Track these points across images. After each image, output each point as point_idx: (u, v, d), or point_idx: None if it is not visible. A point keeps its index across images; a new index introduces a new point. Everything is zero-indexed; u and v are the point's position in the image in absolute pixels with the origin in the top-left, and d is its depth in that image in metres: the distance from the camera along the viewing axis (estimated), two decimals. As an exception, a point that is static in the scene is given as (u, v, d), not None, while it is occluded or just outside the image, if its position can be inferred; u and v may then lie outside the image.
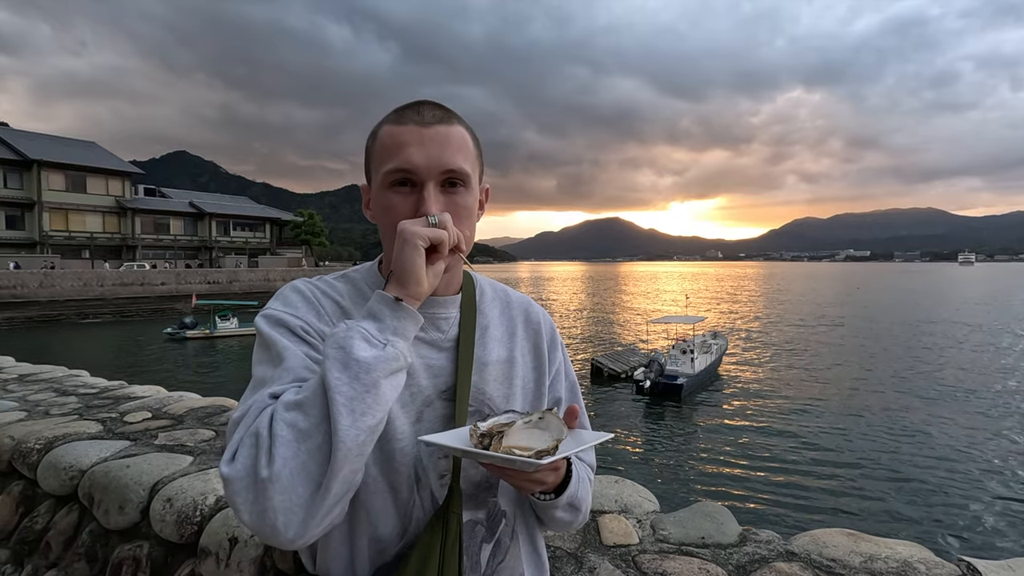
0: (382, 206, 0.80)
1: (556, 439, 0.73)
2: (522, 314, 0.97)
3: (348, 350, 0.64)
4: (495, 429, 0.75)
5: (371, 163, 0.83)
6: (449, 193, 0.79)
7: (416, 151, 0.76)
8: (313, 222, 59.05)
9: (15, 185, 40.48)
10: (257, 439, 0.64)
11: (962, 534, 9.36)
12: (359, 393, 0.63)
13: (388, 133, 0.79)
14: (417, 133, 0.77)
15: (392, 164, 0.77)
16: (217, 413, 2.78)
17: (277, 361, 0.73)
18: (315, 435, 0.63)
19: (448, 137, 0.79)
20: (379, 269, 0.90)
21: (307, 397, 0.64)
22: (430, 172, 0.77)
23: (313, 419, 0.63)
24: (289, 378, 0.71)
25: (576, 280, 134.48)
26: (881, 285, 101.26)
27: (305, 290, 0.83)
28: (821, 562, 1.53)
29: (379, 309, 0.69)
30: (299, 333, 0.76)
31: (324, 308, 0.81)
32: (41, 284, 32.79)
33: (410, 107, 0.80)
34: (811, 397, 18.36)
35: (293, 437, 0.62)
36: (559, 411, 0.97)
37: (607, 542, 1.66)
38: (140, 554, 1.80)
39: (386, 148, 0.79)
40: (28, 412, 2.77)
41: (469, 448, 0.71)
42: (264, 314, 0.79)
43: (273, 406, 0.66)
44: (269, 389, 0.70)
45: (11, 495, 2.30)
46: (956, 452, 13.14)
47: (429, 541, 0.76)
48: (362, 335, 0.66)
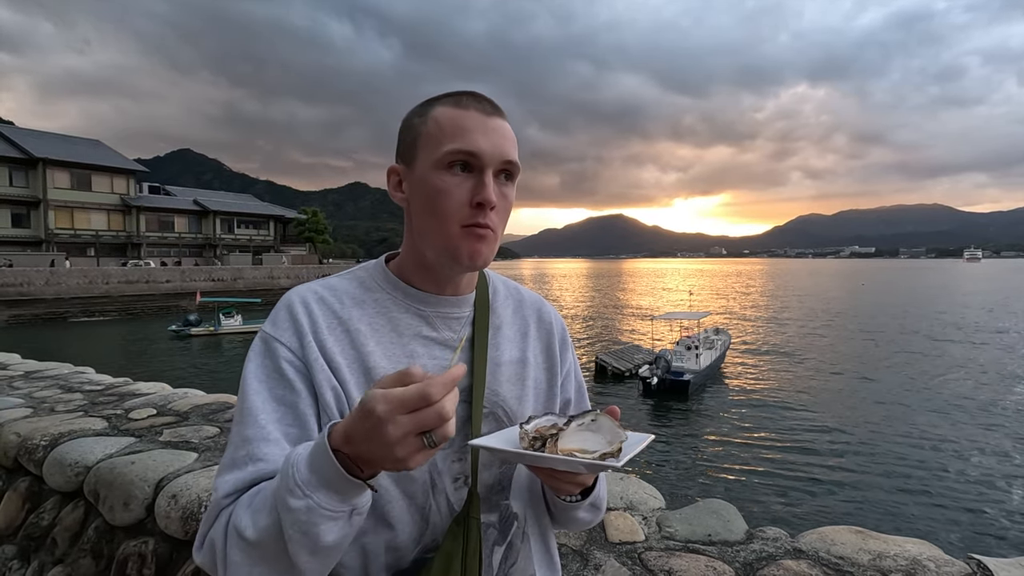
0: (433, 186, 0.76)
1: (617, 441, 0.71)
2: (535, 314, 0.96)
3: (313, 537, 0.59)
4: (544, 432, 0.73)
5: (420, 142, 0.78)
6: (501, 185, 0.78)
7: (481, 137, 0.75)
8: (317, 219, 59.18)
9: (20, 183, 40.67)
10: (214, 550, 0.67)
11: (972, 532, 9.29)
12: (329, 565, 0.65)
13: (447, 115, 0.76)
14: (481, 120, 0.76)
15: (455, 145, 0.74)
16: (221, 410, 2.78)
17: (239, 419, 0.73)
18: (265, 564, 0.63)
19: (507, 130, 0.79)
20: (387, 265, 0.87)
21: (258, 539, 0.62)
22: (492, 159, 0.76)
23: (262, 554, 0.63)
24: (243, 452, 0.70)
25: (579, 277, 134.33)
26: (886, 282, 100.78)
27: (297, 305, 0.79)
28: (829, 560, 1.52)
29: (340, 483, 0.59)
30: (281, 366, 0.74)
31: (316, 323, 0.77)
32: (47, 281, 32.98)
33: (466, 95, 0.79)
34: (817, 394, 18.30)
35: (245, 563, 0.64)
36: (571, 410, 0.96)
37: (613, 539, 1.66)
38: (145, 550, 1.80)
39: (445, 130, 0.76)
40: (34, 409, 2.77)
41: (541, 453, 0.70)
42: (260, 335, 0.79)
43: (228, 517, 0.67)
44: (223, 484, 0.69)
45: (17, 491, 2.31)
46: (966, 449, 13.05)
47: (450, 548, 0.75)
48: (324, 516, 0.59)
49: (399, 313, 0.82)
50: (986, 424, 14.93)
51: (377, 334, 0.79)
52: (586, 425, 0.75)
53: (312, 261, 53.26)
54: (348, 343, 0.77)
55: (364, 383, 0.76)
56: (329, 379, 0.74)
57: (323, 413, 0.74)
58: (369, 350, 0.77)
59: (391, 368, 0.77)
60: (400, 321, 0.81)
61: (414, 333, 0.81)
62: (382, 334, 0.80)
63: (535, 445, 0.71)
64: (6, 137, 41.63)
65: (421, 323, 0.82)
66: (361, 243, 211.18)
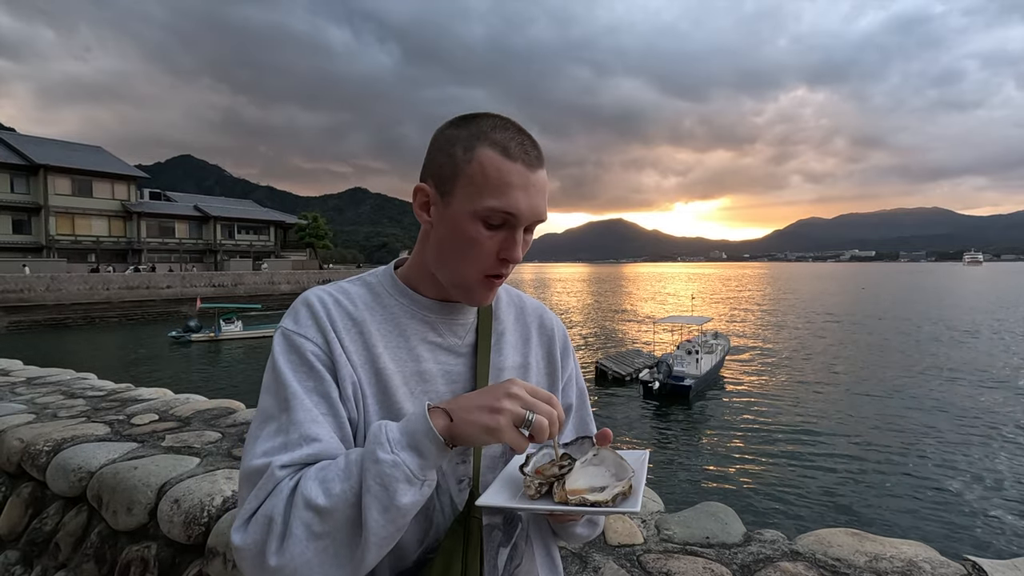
0: (466, 234, 0.77)
1: (625, 476, 0.72)
2: (536, 320, 0.98)
3: (391, 492, 0.63)
4: (545, 472, 0.74)
5: (460, 180, 0.76)
6: (526, 234, 0.80)
7: (523, 196, 0.76)
8: (317, 225, 59.28)
9: (22, 190, 40.73)
10: (270, 524, 0.64)
11: (968, 533, 9.31)
12: (392, 533, 0.65)
13: (495, 165, 0.75)
14: (524, 176, 0.76)
15: (497, 203, 0.75)
16: (223, 415, 2.80)
17: (284, 406, 0.73)
18: (328, 538, 0.64)
19: (545, 183, 0.79)
20: (395, 272, 0.89)
21: (332, 506, 0.64)
22: (527, 220, 0.77)
23: (330, 526, 0.64)
24: (296, 435, 0.70)
25: (579, 282, 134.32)
26: (886, 285, 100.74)
27: (316, 304, 0.81)
28: (826, 561, 1.53)
29: (426, 446, 0.66)
30: (309, 359, 0.76)
31: (335, 321, 0.80)
32: (48, 288, 32.99)
33: (514, 139, 0.77)
34: (815, 398, 18.29)
35: (306, 537, 0.63)
36: (570, 419, 0.97)
37: (612, 542, 1.67)
38: (148, 555, 1.81)
39: (490, 181, 0.75)
40: (37, 415, 2.79)
41: (556, 507, 0.70)
42: (281, 332, 0.79)
43: (292, 488, 0.66)
44: (278, 459, 0.68)
45: (21, 497, 2.32)
46: (962, 452, 13.06)
47: (451, 547, 0.77)
48: (405, 475, 0.64)
49: (406, 319, 0.84)
50: (981, 427, 14.93)
51: (386, 338, 0.82)
52: (589, 461, 0.76)
53: (312, 266, 53.30)
54: (362, 343, 0.80)
55: (375, 382, 0.79)
56: (350, 374, 0.77)
57: (344, 404, 0.76)
58: (379, 352, 0.80)
59: (398, 370, 0.80)
60: (407, 326, 0.84)
61: (420, 338, 0.84)
62: (390, 338, 0.82)
63: (542, 491, 0.72)
64: (8, 144, 41.73)
65: (427, 329, 0.85)
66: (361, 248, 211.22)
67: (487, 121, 0.78)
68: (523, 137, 0.78)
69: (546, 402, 0.68)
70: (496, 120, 0.78)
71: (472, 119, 0.79)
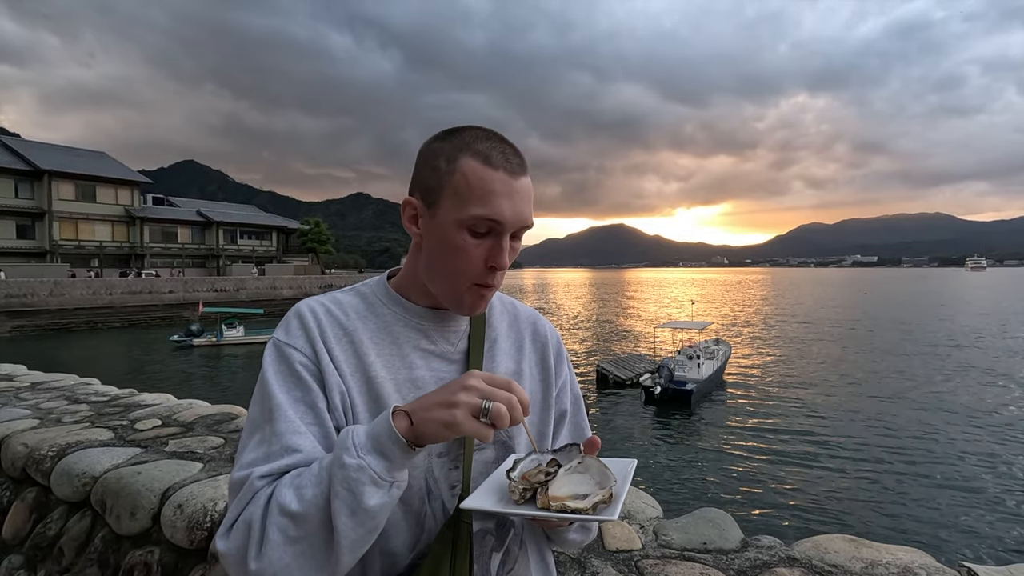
0: (452, 243, 0.78)
1: (608, 484, 0.74)
2: (530, 327, 0.99)
3: (358, 496, 0.65)
4: (531, 477, 0.76)
5: (445, 192, 0.78)
6: (513, 240, 0.81)
7: (506, 203, 0.77)
8: (319, 230, 59.37)
9: (26, 195, 40.95)
10: (249, 530, 0.67)
11: (964, 540, 9.27)
12: (363, 535, 0.67)
13: (477, 173, 0.76)
14: (507, 184, 0.77)
15: (481, 211, 0.76)
16: (226, 420, 2.82)
17: (268, 417, 0.75)
18: (304, 542, 0.66)
19: (529, 191, 0.80)
20: (388, 282, 0.91)
21: (304, 511, 0.66)
22: (512, 226, 0.79)
23: (304, 531, 0.66)
24: (277, 446, 0.72)
25: (581, 287, 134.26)
26: (888, 290, 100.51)
27: (307, 315, 0.83)
28: (823, 568, 1.54)
29: (390, 448, 0.66)
30: (297, 370, 0.78)
31: (324, 331, 0.81)
32: (51, 293, 33.11)
33: (495, 148, 0.78)
34: (814, 404, 18.22)
35: (283, 542, 0.66)
36: (565, 424, 0.99)
37: (610, 547, 1.68)
38: (151, 559, 1.83)
39: (473, 190, 0.76)
40: (41, 420, 2.81)
41: (537, 512, 0.72)
42: (272, 342, 0.82)
43: (269, 496, 0.69)
44: (258, 469, 0.71)
45: (25, 502, 2.34)
46: (959, 459, 13.00)
47: (440, 551, 0.78)
48: (371, 478, 0.65)
49: (399, 327, 0.86)
50: (980, 434, 14.87)
51: (378, 346, 0.83)
52: (573, 468, 0.78)
53: (314, 271, 53.39)
54: (352, 352, 0.81)
55: (366, 391, 0.80)
56: (338, 383, 0.79)
57: (331, 414, 0.78)
58: (371, 360, 0.81)
59: (390, 377, 0.82)
60: (400, 334, 0.85)
61: (413, 346, 0.85)
62: (382, 346, 0.83)
63: (526, 496, 0.74)
64: (12, 149, 41.98)
65: (420, 336, 0.86)
66: (363, 253, 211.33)
67: (469, 133, 0.80)
68: (505, 146, 0.79)
69: (504, 388, 0.68)
70: (478, 132, 0.80)
71: (455, 132, 0.81)
